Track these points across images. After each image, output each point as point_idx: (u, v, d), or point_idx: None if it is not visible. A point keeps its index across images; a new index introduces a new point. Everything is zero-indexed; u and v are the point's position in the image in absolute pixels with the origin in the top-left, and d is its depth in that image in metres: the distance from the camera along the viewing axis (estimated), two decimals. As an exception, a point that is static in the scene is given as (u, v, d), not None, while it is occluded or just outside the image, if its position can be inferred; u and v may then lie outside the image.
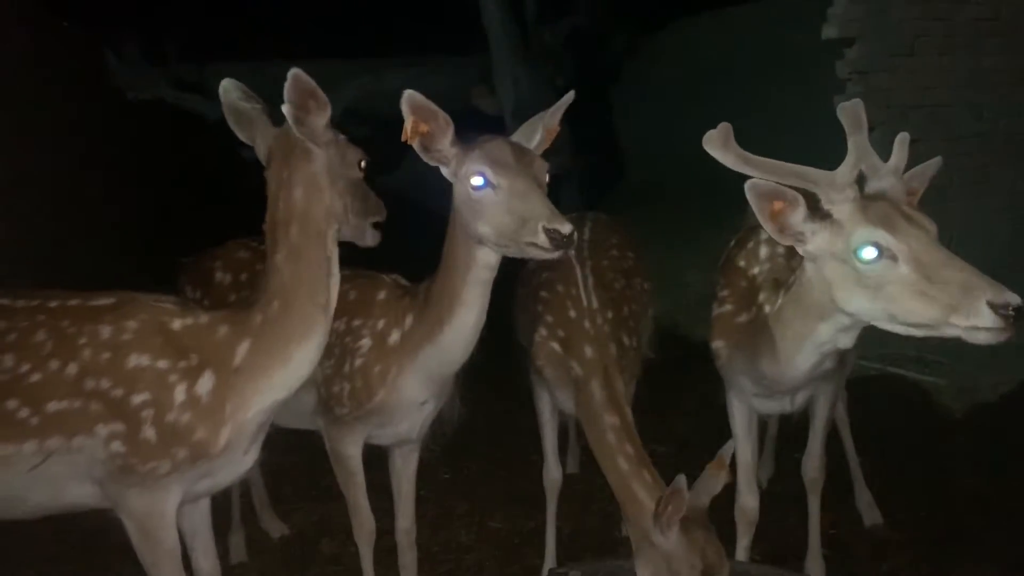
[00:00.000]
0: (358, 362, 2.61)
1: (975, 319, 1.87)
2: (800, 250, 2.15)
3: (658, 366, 3.30)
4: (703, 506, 2.37)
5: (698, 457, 2.55)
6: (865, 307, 2.05)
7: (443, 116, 2.31)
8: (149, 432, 2.12)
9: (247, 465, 2.32)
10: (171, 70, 11.79)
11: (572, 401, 2.80)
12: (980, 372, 4.60)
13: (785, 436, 3.77)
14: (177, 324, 2.20)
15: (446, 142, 2.33)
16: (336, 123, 2.37)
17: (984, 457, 3.93)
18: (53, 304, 2.25)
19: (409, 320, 2.59)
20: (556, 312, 2.89)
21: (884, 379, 4.72)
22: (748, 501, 2.87)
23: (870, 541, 3.42)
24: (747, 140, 2.27)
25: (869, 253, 1.99)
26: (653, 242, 3.71)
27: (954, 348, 4.73)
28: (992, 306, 1.85)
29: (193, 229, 7.34)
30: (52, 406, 2.12)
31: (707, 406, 3.06)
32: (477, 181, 2.26)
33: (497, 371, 3.29)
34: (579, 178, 9.84)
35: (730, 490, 2.90)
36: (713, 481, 2.39)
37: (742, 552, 2.91)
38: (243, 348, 2.18)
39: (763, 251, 2.77)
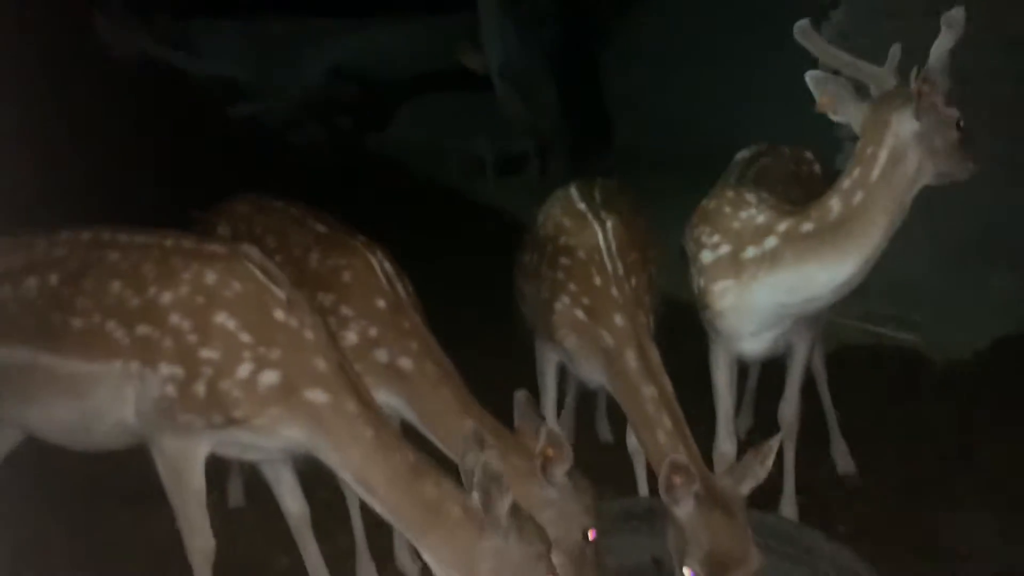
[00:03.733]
0: None
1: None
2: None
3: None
4: (734, 490, 2.34)
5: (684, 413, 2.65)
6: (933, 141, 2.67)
7: None
8: (200, 388, 2.23)
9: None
10: (156, 26, 11.65)
11: (600, 371, 2.79)
12: (956, 330, 4.74)
13: (762, 391, 3.91)
14: (280, 315, 2.29)
15: None
16: (322, 83, 2.43)
17: (957, 412, 4.08)
18: (168, 243, 2.38)
19: None
20: (580, 280, 2.85)
21: (863, 336, 4.85)
22: (726, 448, 3.00)
23: (843, 489, 3.57)
24: (733, 100, 2.41)
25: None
26: (642, 204, 3.81)
27: (931, 307, 4.91)
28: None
29: (181, 185, 7.38)
30: (141, 329, 2.26)
31: (690, 362, 3.15)
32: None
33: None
34: (568, 142, 9.85)
35: (710, 438, 3.04)
36: (754, 467, 2.36)
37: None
38: (313, 393, 2.28)
39: (749, 196, 2.85)
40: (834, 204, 2.64)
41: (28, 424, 2.57)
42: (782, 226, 2.72)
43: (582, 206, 3.10)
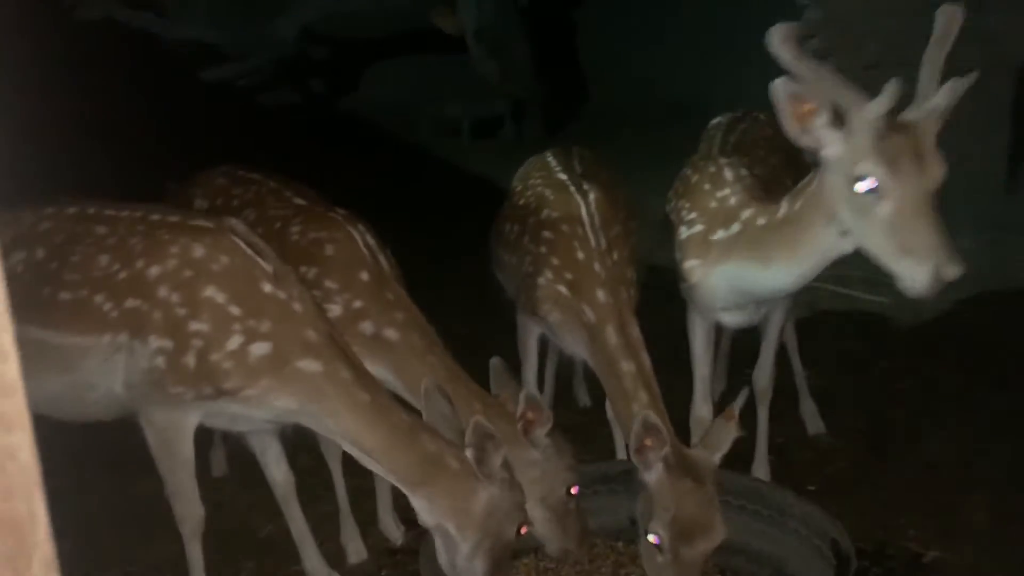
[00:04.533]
0: None
1: (916, 275, 2.12)
2: (819, 153, 2.29)
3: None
4: (705, 458, 2.40)
5: (661, 375, 2.71)
6: (845, 220, 2.27)
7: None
8: (190, 359, 2.26)
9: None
10: (122, -13, 11.41)
11: (581, 346, 2.81)
12: (921, 292, 4.85)
13: (734, 354, 3.99)
14: (267, 288, 2.32)
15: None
16: (293, 45, 2.44)
17: (922, 372, 4.19)
18: (154, 217, 2.40)
19: None
20: (563, 254, 2.85)
21: (832, 298, 4.94)
22: (702, 411, 3.07)
23: (813, 449, 3.67)
24: (708, 62, 2.39)
25: (864, 185, 2.17)
26: (618, 166, 3.83)
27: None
28: (935, 271, 2.08)
29: (153, 150, 7.30)
30: (129, 302, 2.28)
31: (668, 326, 3.21)
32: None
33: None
34: (542, 104, 9.81)
35: (688, 401, 3.12)
36: (722, 433, 2.43)
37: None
38: (306, 363, 2.33)
39: (728, 174, 2.85)
40: (784, 205, 2.55)
41: None
42: (745, 213, 2.69)
43: (563, 177, 3.11)
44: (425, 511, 2.34)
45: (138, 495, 3.17)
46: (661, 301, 3.18)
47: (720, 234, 2.76)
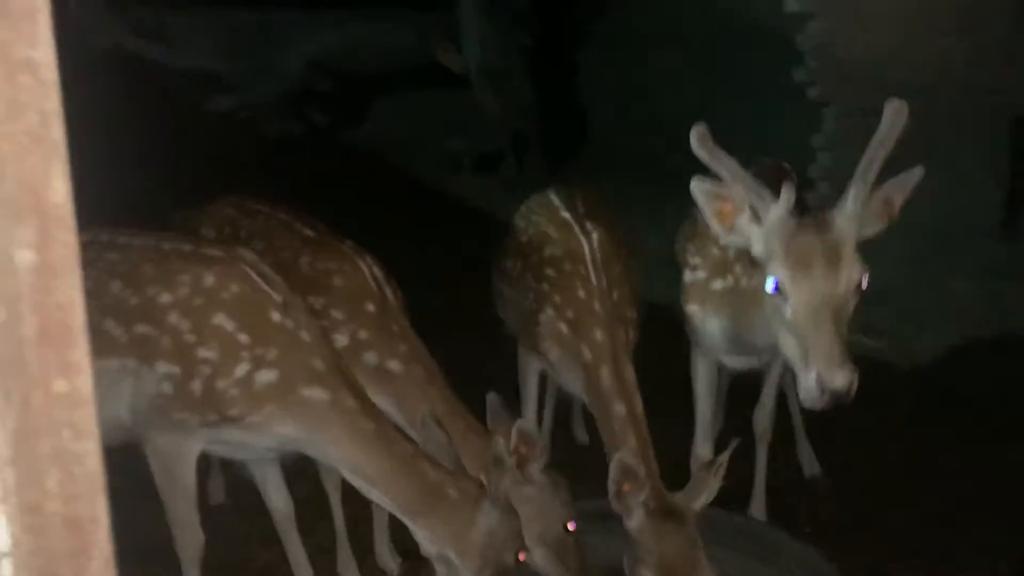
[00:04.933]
0: None
1: (802, 381, 2.19)
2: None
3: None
4: (688, 504, 2.42)
5: (657, 415, 2.73)
6: (768, 315, 2.32)
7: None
8: (196, 386, 2.28)
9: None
10: (131, 18, 11.56)
11: (578, 384, 2.83)
12: (919, 336, 4.90)
13: (732, 394, 4.01)
14: (276, 317, 2.36)
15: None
16: (298, 77, 2.50)
17: (918, 417, 4.22)
18: (166, 245, 2.44)
19: None
20: (564, 292, 2.87)
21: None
22: (703, 450, 3.10)
23: (809, 490, 3.69)
24: (709, 103, 2.44)
25: (771, 285, 2.23)
26: (616, 205, 3.88)
27: (896, 313, 5.07)
28: (818, 380, 2.12)
29: (158, 179, 7.35)
30: (139, 328, 2.31)
31: (666, 365, 3.25)
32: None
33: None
34: (544, 140, 9.93)
35: (687, 439, 3.15)
36: (703, 483, 2.44)
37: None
38: (312, 391, 2.36)
39: None
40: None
41: None
42: (738, 267, 2.73)
43: (567, 215, 3.16)
44: (427, 540, 2.37)
45: (138, 521, 3.17)
46: (662, 339, 3.22)
47: (718, 284, 2.82)
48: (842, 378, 2.10)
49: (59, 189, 0.51)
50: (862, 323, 5.00)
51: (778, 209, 2.23)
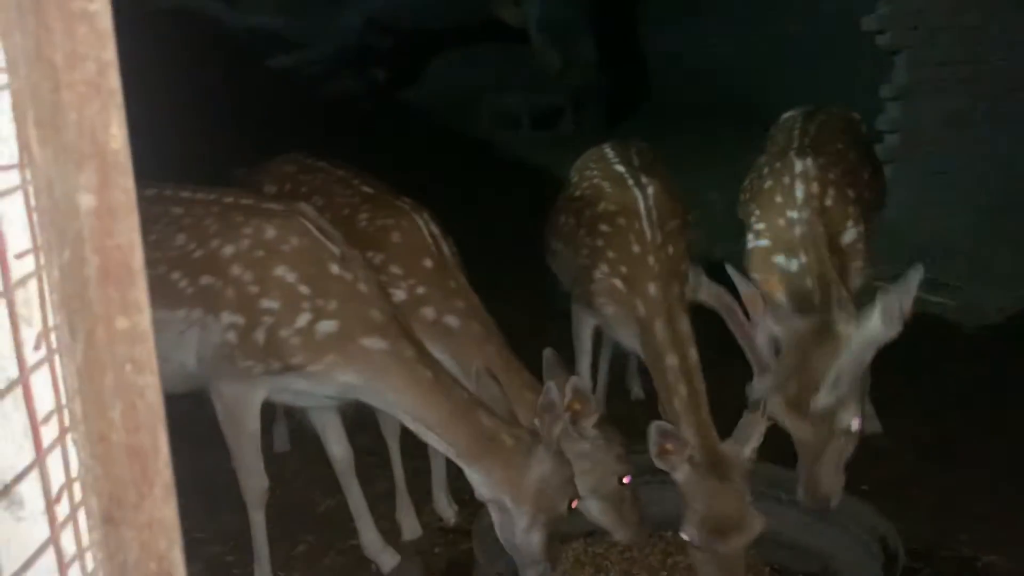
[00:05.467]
0: None
1: None
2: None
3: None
4: (736, 453, 2.43)
5: (714, 379, 2.73)
6: None
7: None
8: (260, 335, 2.37)
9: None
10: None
11: (634, 339, 2.84)
12: (987, 294, 4.76)
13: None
14: (335, 269, 2.43)
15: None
16: (357, 35, 2.51)
17: (985, 374, 4.12)
18: (228, 199, 2.52)
19: None
20: (619, 247, 2.88)
21: (893, 299, 4.87)
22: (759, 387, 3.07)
23: (868, 449, 3.63)
24: (771, 55, 2.38)
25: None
26: (676, 160, 3.82)
27: (965, 271, 4.92)
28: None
29: (220, 137, 7.49)
30: (204, 280, 2.40)
31: (720, 327, 3.22)
32: None
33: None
34: (603, 96, 9.80)
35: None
36: (751, 428, 2.44)
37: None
38: (371, 341, 2.42)
39: (799, 191, 2.83)
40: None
41: None
42: (799, 259, 2.75)
43: (621, 169, 3.13)
44: (482, 484, 2.43)
45: (206, 466, 3.30)
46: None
47: (780, 259, 2.79)
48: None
49: (117, 136, 0.54)
50: (928, 279, 4.88)
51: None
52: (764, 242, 2.87)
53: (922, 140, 5.35)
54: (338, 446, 2.96)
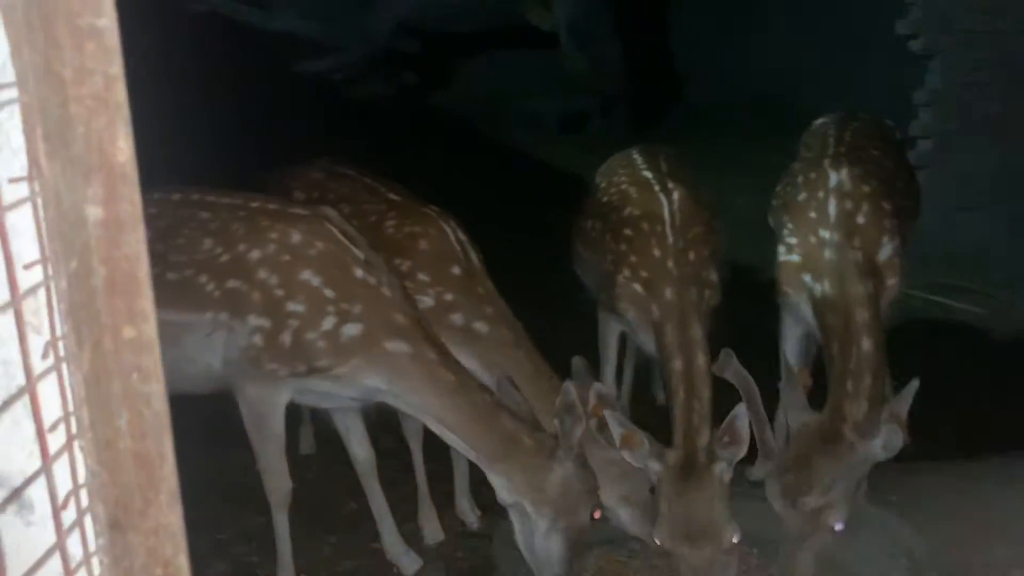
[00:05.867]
0: None
1: None
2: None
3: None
4: (715, 463, 2.44)
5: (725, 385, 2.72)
6: None
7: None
8: (286, 338, 2.41)
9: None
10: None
11: (652, 343, 2.84)
12: (1020, 301, 4.67)
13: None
14: (359, 273, 2.47)
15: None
16: (386, 37, 2.54)
17: (1018, 383, 4.04)
18: (254, 204, 2.55)
19: None
20: (640, 251, 2.88)
21: (925, 306, 4.81)
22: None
23: (897, 458, 3.57)
24: (809, 57, 2.35)
25: None
26: (706, 164, 3.79)
27: (996, 278, 4.84)
28: None
29: (251, 141, 7.57)
30: (230, 283, 2.45)
31: (747, 331, 3.20)
32: None
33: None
34: (631, 100, 9.77)
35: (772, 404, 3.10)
36: (729, 439, 2.43)
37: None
38: (395, 344, 2.45)
39: (832, 208, 2.79)
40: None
41: None
42: (827, 280, 2.72)
43: (648, 175, 3.12)
44: (503, 488, 2.44)
45: (232, 466, 3.34)
46: (744, 302, 3.17)
47: (808, 278, 2.77)
48: None
49: (124, 149, 0.55)
50: (959, 287, 4.82)
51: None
52: (795, 257, 2.86)
53: (955, 146, 5.27)
54: (360, 448, 2.98)
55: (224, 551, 3.21)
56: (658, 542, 2.45)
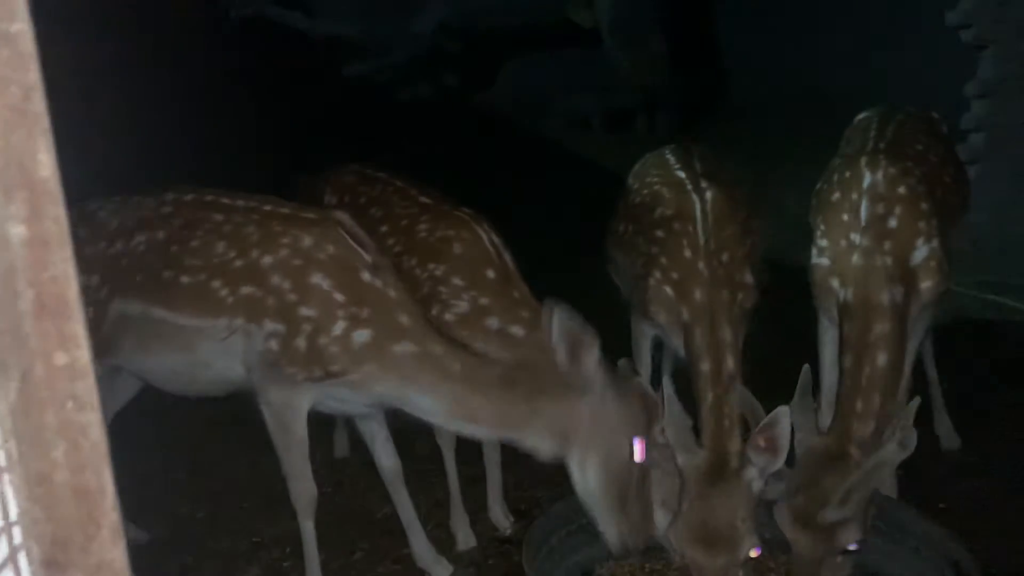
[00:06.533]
0: None
1: None
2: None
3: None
4: (745, 470, 2.40)
5: (775, 381, 2.64)
6: None
7: None
8: (301, 343, 2.41)
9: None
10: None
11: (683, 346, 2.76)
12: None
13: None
14: (367, 277, 2.46)
15: None
16: (430, 39, 2.51)
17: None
18: (267, 207, 2.56)
19: None
20: (671, 253, 2.80)
21: (978, 305, 4.63)
22: (827, 420, 2.94)
23: (946, 465, 3.45)
24: (856, 50, 2.26)
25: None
26: (750, 163, 3.68)
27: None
28: None
29: (297, 143, 7.64)
30: (245, 289, 2.46)
31: (794, 333, 3.10)
32: None
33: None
34: (676, 98, 9.64)
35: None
36: (762, 447, 2.39)
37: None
38: (402, 347, 2.44)
39: (864, 211, 2.68)
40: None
41: (142, 371, 2.80)
42: (851, 286, 2.63)
43: (681, 174, 3.04)
44: (543, 446, 2.44)
45: (265, 470, 3.34)
46: (793, 304, 3.07)
47: (836, 283, 2.69)
48: None
49: (45, 163, 0.51)
50: (1015, 285, 4.63)
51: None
52: (825, 261, 2.76)
53: (1008, 139, 5.07)
54: (386, 456, 2.96)
55: (258, 554, 3.22)
56: (672, 541, 2.39)
